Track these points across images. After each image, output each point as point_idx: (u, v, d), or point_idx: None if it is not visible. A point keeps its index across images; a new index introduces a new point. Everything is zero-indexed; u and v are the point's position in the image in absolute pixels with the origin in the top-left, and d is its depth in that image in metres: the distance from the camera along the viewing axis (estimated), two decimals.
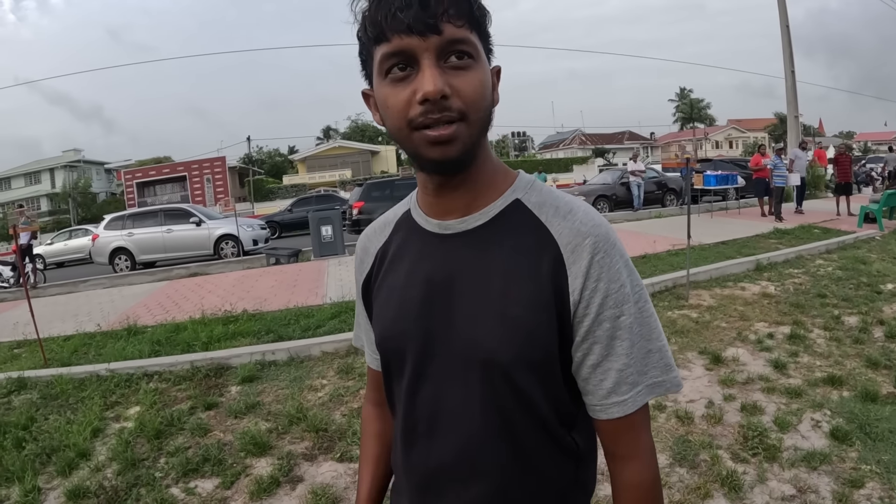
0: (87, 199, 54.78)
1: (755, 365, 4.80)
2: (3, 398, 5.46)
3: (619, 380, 0.93)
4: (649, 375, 0.95)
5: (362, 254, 1.18)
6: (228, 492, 3.59)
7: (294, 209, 26.16)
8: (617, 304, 0.92)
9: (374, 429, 1.27)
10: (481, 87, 0.88)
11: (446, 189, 0.98)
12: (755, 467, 3.33)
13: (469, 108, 0.87)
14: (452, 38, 0.85)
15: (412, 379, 1.02)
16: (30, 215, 15.23)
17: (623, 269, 0.93)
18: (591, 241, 0.92)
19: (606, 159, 61.75)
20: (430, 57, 0.84)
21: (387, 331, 1.06)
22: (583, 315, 0.92)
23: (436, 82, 0.83)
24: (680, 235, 8.57)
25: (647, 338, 0.95)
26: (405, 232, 1.09)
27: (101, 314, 9.26)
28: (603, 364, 0.94)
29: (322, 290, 9.34)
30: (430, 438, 1.02)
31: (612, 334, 0.92)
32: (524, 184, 1.01)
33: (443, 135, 0.86)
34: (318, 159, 55.52)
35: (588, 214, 0.95)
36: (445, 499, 1.02)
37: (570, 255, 0.92)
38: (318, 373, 5.41)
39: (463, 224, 0.99)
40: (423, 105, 0.84)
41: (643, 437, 0.98)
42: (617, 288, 0.92)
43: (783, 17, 20.65)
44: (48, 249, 23.86)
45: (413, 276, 1.03)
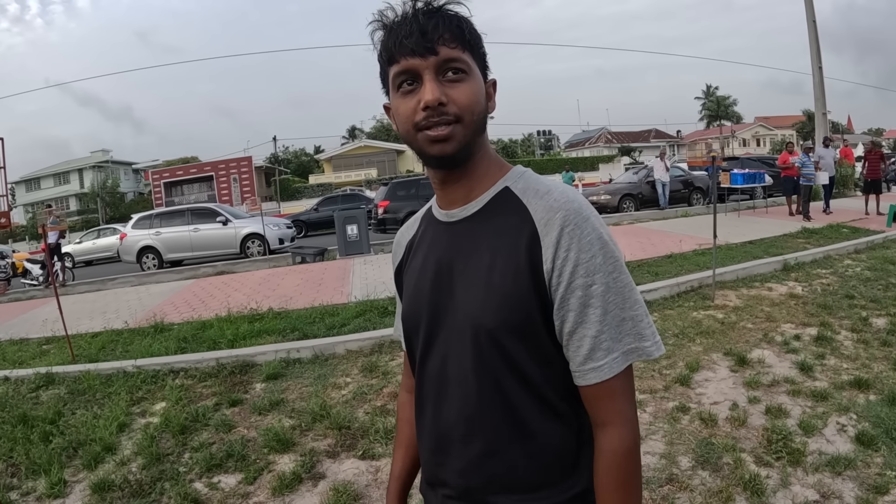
0: (115, 198, 55.58)
1: (781, 367, 4.74)
2: (31, 393, 5.57)
3: (594, 346, 1.02)
4: (624, 342, 1.03)
5: (396, 247, 1.36)
6: (251, 487, 3.64)
7: (320, 208, 26.35)
8: (588, 273, 1.01)
9: (406, 415, 1.40)
10: (474, 96, 1.06)
11: (449, 182, 1.15)
12: (779, 471, 3.29)
13: (463, 112, 1.05)
14: (447, 57, 1.03)
15: (423, 350, 1.19)
16: (58, 215, 15.48)
17: (596, 241, 1.02)
18: (561, 214, 1.03)
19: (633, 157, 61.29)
20: (430, 73, 1.03)
21: (407, 309, 1.24)
22: (556, 283, 1.03)
23: (434, 93, 1.02)
24: (706, 234, 8.50)
25: (620, 306, 1.03)
26: (426, 224, 1.27)
27: (129, 311, 9.40)
28: (578, 331, 1.03)
29: (347, 288, 9.38)
30: (437, 403, 1.16)
31: (585, 302, 1.02)
32: (515, 174, 1.17)
33: (440, 134, 1.04)
34: (344, 159, 55.81)
35: (563, 193, 1.07)
36: (451, 458, 1.15)
37: (542, 228, 1.04)
38: (342, 371, 5.45)
39: (463, 212, 1.15)
40: (425, 111, 1.03)
41: (622, 403, 1.05)
42: (588, 258, 1.01)
43: (810, 12, 20.35)
44: (77, 248, 24.27)
45: (427, 260, 1.20)
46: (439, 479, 1.19)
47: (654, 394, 4.40)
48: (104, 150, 62.27)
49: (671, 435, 3.79)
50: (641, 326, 1.05)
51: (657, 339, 1.07)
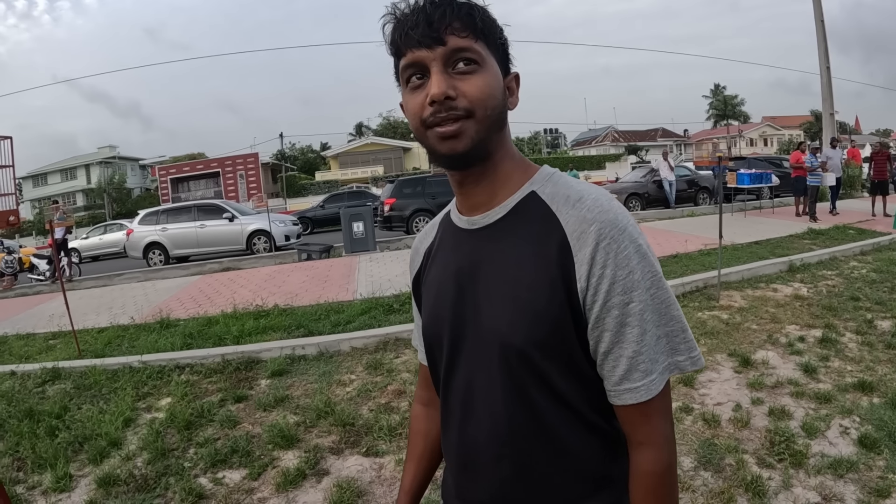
0: (121, 194, 55.73)
1: (785, 368, 4.75)
2: (37, 388, 5.61)
3: (631, 367, 0.97)
4: (661, 362, 0.98)
5: (414, 254, 1.28)
6: (255, 483, 3.66)
7: (326, 205, 26.38)
8: (625, 291, 0.95)
9: (420, 427, 1.37)
10: (487, 88, 0.98)
11: (467, 185, 1.08)
12: (780, 473, 3.30)
13: (475, 107, 0.97)
14: (456, 47, 0.96)
15: (448, 364, 1.12)
16: (65, 210, 15.54)
17: (633, 255, 0.96)
18: (595, 227, 0.96)
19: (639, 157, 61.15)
20: (437, 65, 0.96)
21: (428, 319, 1.17)
22: (591, 302, 0.96)
23: (441, 86, 0.95)
24: (712, 235, 8.49)
25: (657, 324, 0.97)
26: (444, 230, 1.19)
27: (135, 307, 9.44)
28: (614, 351, 0.97)
29: (353, 285, 9.40)
30: (464, 420, 1.10)
31: (622, 321, 0.95)
32: (543, 176, 1.08)
33: (449, 130, 0.97)
34: (351, 156, 55.86)
35: (597, 201, 0.99)
36: (481, 476, 1.10)
37: (575, 243, 0.97)
38: (347, 368, 5.47)
39: (486, 219, 1.07)
40: (433, 106, 0.96)
41: (658, 424, 1.00)
42: (625, 274, 0.95)
43: (818, 12, 20.27)
44: (83, 243, 24.34)
45: (448, 268, 1.12)
46: (467, 495, 1.14)
47: None
48: (111, 146, 62.49)
49: None
50: (677, 341, 1.00)
51: (694, 353, 1.02)
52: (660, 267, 1.00)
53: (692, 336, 1.02)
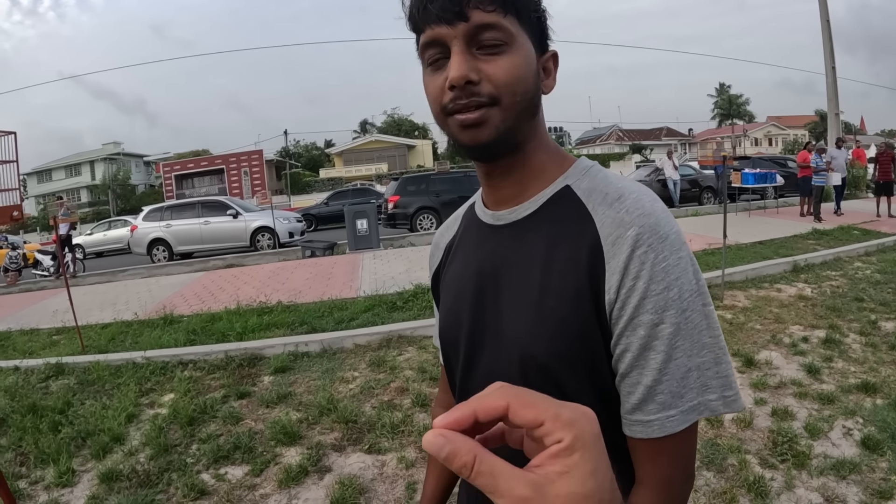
0: (126, 190, 55.88)
1: (788, 369, 4.74)
2: (41, 383, 5.63)
3: (647, 397, 0.82)
4: (685, 399, 0.82)
5: (434, 249, 1.19)
6: (258, 479, 3.67)
7: (330, 202, 26.34)
8: (657, 310, 0.81)
9: None
10: (515, 70, 0.86)
11: (495, 177, 0.97)
12: (783, 474, 3.29)
13: (501, 93, 0.85)
14: (480, 23, 0.84)
15: (464, 372, 1.02)
16: (69, 206, 15.57)
17: (673, 269, 0.82)
18: (633, 231, 0.83)
19: (644, 155, 61.07)
20: (458, 44, 0.84)
21: (445, 321, 1.07)
22: (618, 316, 0.83)
23: (460, 69, 0.83)
24: (716, 234, 8.46)
25: (688, 353, 0.81)
26: (467, 224, 1.09)
27: (139, 303, 9.46)
28: (631, 375, 0.83)
29: (356, 283, 9.41)
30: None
31: (647, 343, 0.81)
32: (579, 169, 0.96)
33: (470, 118, 0.85)
34: (355, 153, 55.87)
35: (638, 202, 0.86)
36: None
37: (609, 248, 0.84)
38: (350, 365, 5.47)
39: (513, 214, 0.96)
40: (452, 91, 0.85)
41: (667, 467, 0.84)
42: (660, 290, 0.81)
43: (824, 12, 20.23)
44: (88, 239, 24.36)
45: (468, 267, 1.02)
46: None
47: None
48: (116, 143, 62.60)
49: None
50: (707, 376, 0.83)
51: (729, 393, 0.84)
52: (704, 284, 0.86)
53: (732, 370, 0.86)
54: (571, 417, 0.43)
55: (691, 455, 0.87)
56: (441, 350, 1.12)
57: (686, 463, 0.86)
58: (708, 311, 0.85)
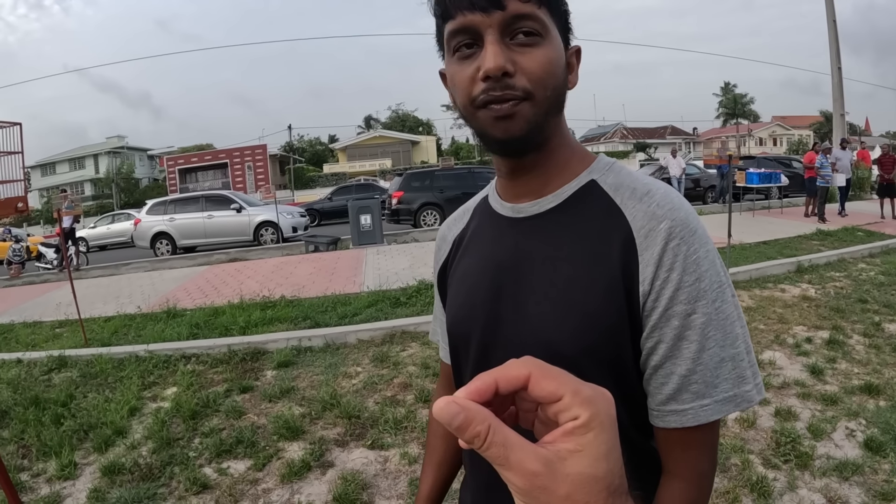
0: (129, 184, 55.94)
1: (792, 369, 4.73)
2: (44, 376, 5.64)
3: (681, 386, 0.83)
4: (720, 389, 0.83)
5: (440, 242, 1.16)
6: (260, 474, 3.67)
7: (334, 197, 26.36)
8: (690, 300, 0.82)
9: (441, 430, 1.25)
10: (549, 65, 0.85)
11: (519, 171, 0.95)
12: (786, 474, 3.29)
13: (535, 86, 0.84)
14: (517, 13, 0.82)
15: (476, 368, 0.98)
16: (73, 199, 15.59)
17: (703, 260, 0.83)
18: (666, 224, 0.84)
19: (648, 154, 60.98)
20: (493, 33, 0.82)
21: (455, 315, 1.04)
22: (651, 308, 0.84)
23: (497, 59, 0.81)
24: (720, 233, 8.44)
25: (721, 343, 0.83)
26: (481, 217, 1.07)
27: (142, 297, 9.48)
28: (665, 366, 0.84)
29: (360, 278, 9.42)
30: None
31: (680, 334, 0.82)
32: (602, 165, 0.96)
33: (504, 109, 0.83)
34: (359, 148, 55.88)
35: (667, 196, 0.88)
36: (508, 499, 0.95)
37: (642, 241, 0.85)
38: (353, 360, 5.47)
39: (535, 207, 0.94)
40: (486, 82, 0.83)
41: (698, 457, 0.85)
42: (692, 281, 0.82)
43: (830, 12, 20.15)
44: (91, 233, 24.41)
45: (484, 260, 1.00)
46: None
47: None
48: (120, 136, 62.64)
49: None
50: (742, 367, 0.84)
51: (758, 381, 0.85)
52: (729, 276, 0.88)
53: (755, 359, 0.87)
54: (590, 396, 0.42)
55: (717, 443, 0.88)
56: (449, 345, 1.08)
57: (714, 451, 0.88)
58: (736, 302, 0.86)
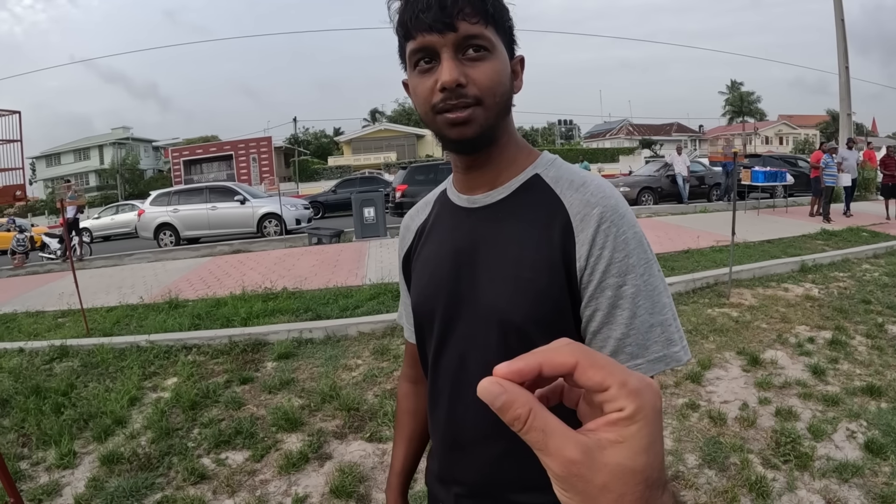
0: (134, 175, 56.05)
1: (793, 369, 4.71)
2: (45, 365, 5.65)
3: (618, 348, 0.97)
4: (651, 350, 0.97)
5: (404, 231, 1.29)
6: (258, 465, 3.67)
7: (338, 190, 26.35)
8: (620, 273, 0.96)
9: (408, 406, 1.37)
10: (496, 76, 0.98)
11: (474, 167, 1.08)
12: (785, 475, 3.27)
13: (484, 94, 0.97)
14: (467, 34, 0.95)
15: (439, 343, 1.13)
16: (77, 190, 15.61)
17: (631, 240, 0.98)
18: (598, 210, 0.98)
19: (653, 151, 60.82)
20: (448, 51, 0.96)
21: (420, 296, 1.17)
22: (588, 281, 0.98)
23: (452, 73, 0.94)
24: (724, 231, 8.43)
25: (650, 311, 0.97)
26: (440, 208, 1.20)
27: (144, 287, 9.49)
28: (602, 331, 0.98)
29: (362, 271, 9.41)
30: (454, 399, 1.11)
31: (614, 303, 0.97)
32: (545, 161, 1.10)
33: (459, 117, 0.97)
34: (364, 141, 55.87)
35: (600, 187, 1.02)
36: (469, 456, 1.10)
37: (578, 224, 0.99)
38: (354, 353, 5.47)
39: (488, 198, 1.08)
40: (443, 92, 0.96)
41: None
42: (621, 257, 0.96)
43: (838, 11, 20.03)
44: (95, 223, 24.42)
45: (444, 246, 1.13)
46: (453, 476, 1.15)
47: (665, 389, 4.38)
48: (125, 127, 62.72)
49: (679, 432, 3.78)
50: (670, 331, 0.99)
51: (685, 343, 1.00)
52: (654, 255, 1.02)
53: (680, 326, 1.02)
54: (637, 388, 0.41)
55: None
56: (414, 325, 1.21)
57: None
58: (662, 276, 1.01)
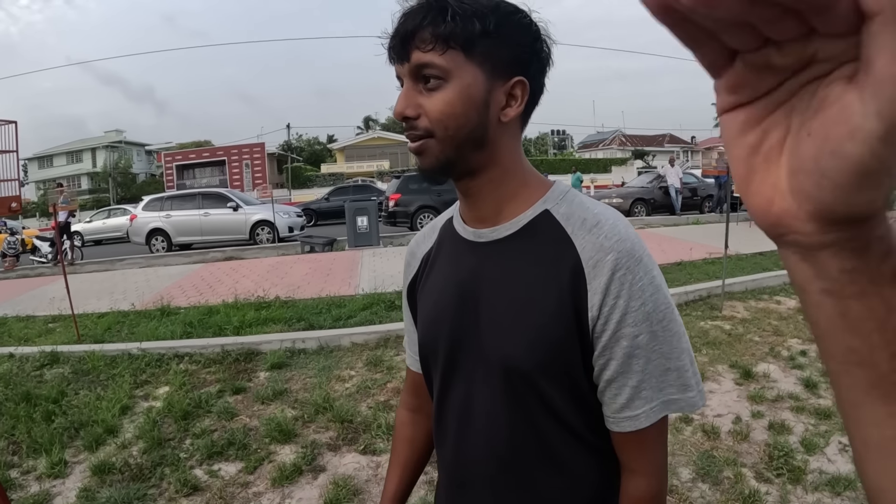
0: (126, 179, 55.77)
1: (786, 382, 4.72)
2: (35, 371, 5.61)
3: (633, 395, 0.94)
4: (665, 392, 0.95)
5: (410, 258, 1.24)
6: (251, 476, 3.65)
7: (331, 198, 26.30)
8: (636, 323, 0.91)
9: (406, 434, 1.34)
10: (448, 107, 0.92)
11: (466, 195, 1.04)
12: (778, 488, 3.28)
13: (434, 126, 0.93)
14: (418, 62, 0.92)
15: (444, 378, 1.09)
16: (69, 193, 15.55)
17: (647, 287, 0.92)
18: (613, 256, 0.92)
19: (646, 161, 61.00)
20: (407, 80, 0.95)
21: (425, 331, 1.13)
22: (601, 331, 0.93)
23: (399, 106, 0.95)
24: (717, 243, 8.45)
25: (667, 356, 0.94)
26: (445, 237, 1.14)
27: (136, 293, 9.44)
28: (618, 380, 0.94)
29: (355, 280, 9.40)
30: (461, 437, 1.07)
31: (630, 353, 0.92)
32: (556, 194, 1.02)
33: (413, 147, 0.96)
34: (357, 149, 55.83)
35: (614, 228, 0.95)
36: (477, 496, 1.07)
37: (591, 270, 0.93)
38: (347, 363, 5.45)
39: (494, 233, 1.02)
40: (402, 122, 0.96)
41: (653, 453, 0.99)
42: (637, 306, 0.91)
43: None
44: (87, 227, 24.31)
45: (448, 280, 1.08)
46: None
47: None
48: (118, 131, 62.47)
49: (672, 445, 3.78)
50: (686, 377, 0.96)
51: (701, 388, 0.98)
52: (672, 299, 0.97)
53: (697, 371, 0.99)
54: None
55: (666, 437, 1.02)
56: (419, 357, 1.18)
57: (664, 448, 1.01)
58: (679, 321, 0.97)
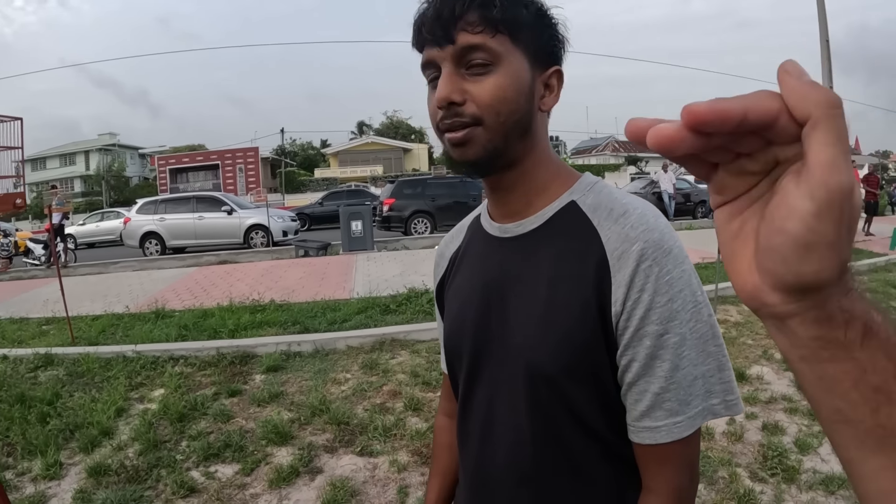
0: (120, 182, 55.59)
1: (779, 384, 4.75)
2: (30, 373, 5.60)
3: (654, 403, 0.86)
4: (692, 406, 0.86)
5: (439, 258, 1.20)
6: (248, 478, 3.65)
7: (325, 202, 26.33)
8: (662, 321, 0.84)
9: (444, 440, 1.28)
10: (499, 92, 0.88)
11: (498, 191, 0.99)
12: (773, 488, 3.30)
13: (484, 113, 0.88)
14: (466, 45, 0.87)
15: (468, 380, 1.05)
16: (63, 196, 15.51)
17: (676, 281, 0.85)
18: (638, 246, 0.85)
19: (639, 167, 61.12)
20: (448, 65, 0.88)
21: (450, 330, 1.10)
22: (624, 327, 0.86)
23: (443, 90, 0.87)
24: (710, 248, 8.49)
25: (695, 362, 0.85)
26: (473, 235, 1.11)
27: (130, 296, 9.42)
28: (639, 383, 0.87)
29: (350, 284, 9.41)
30: (483, 442, 1.03)
31: (654, 353, 0.85)
32: (584, 185, 0.98)
33: (456, 137, 0.89)
34: (351, 154, 55.75)
35: (642, 217, 0.89)
36: (497, 500, 1.02)
37: (615, 262, 0.87)
38: (343, 366, 5.46)
39: (519, 228, 0.98)
40: (441, 110, 0.89)
41: (673, 472, 0.89)
42: (664, 301, 0.84)
43: (823, 32, 20.26)
44: (80, 230, 24.25)
45: (474, 278, 1.04)
46: None
47: None
48: (111, 133, 62.32)
49: None
50: (713, 382, 0.87)
51: (731, 397, 0.89)
52: (705, 295, 0.89)
53: (733, 376, 0.90)
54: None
55: (696, 459, 0.92)
56: (446, 357, 1.14)
57: (692, 467, 0.91)
58: (712, 321, 0.88)
